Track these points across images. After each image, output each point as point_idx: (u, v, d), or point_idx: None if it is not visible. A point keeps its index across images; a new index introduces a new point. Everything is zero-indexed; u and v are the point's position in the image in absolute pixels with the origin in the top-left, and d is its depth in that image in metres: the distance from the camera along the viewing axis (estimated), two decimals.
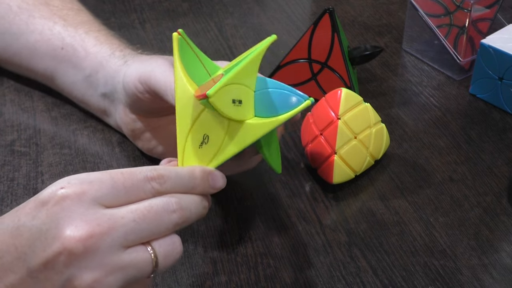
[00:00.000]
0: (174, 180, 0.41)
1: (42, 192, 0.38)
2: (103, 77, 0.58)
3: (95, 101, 0.60)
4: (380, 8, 0.84)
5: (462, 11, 0.67)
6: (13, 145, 0.61)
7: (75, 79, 0.61)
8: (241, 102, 0.44)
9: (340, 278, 0.49)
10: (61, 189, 0.37)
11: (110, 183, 0.38)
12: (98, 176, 0.39)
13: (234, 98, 0.43)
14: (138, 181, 0.39)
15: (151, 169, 0.40)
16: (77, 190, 0.38)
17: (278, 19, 0.81)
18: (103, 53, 0.59)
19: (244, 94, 0.44)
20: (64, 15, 0.64)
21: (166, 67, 0.51)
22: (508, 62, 0.63)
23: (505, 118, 0.65)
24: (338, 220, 0.54)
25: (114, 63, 0.58)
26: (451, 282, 0.49)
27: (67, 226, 0.37)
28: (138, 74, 0.52)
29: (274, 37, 0.47)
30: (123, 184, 0.39)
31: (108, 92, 0.58)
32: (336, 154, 0.54)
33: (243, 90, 0.44)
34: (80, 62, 0.60)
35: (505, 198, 0.56)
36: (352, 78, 0.65)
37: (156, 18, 0.81)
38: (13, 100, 0.66)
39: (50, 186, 0.38)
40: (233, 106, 0.43)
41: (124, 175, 0.39)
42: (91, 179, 0.38)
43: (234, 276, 0.49)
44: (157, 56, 0.55)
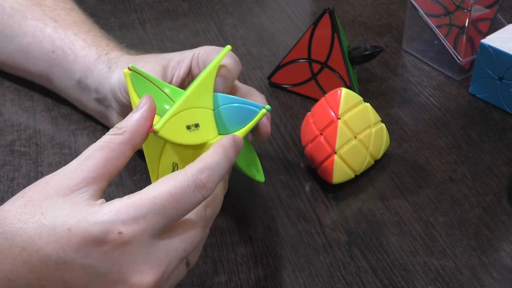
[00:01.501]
0: (217, 174, 0.40)
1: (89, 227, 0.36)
2: (93, 83, 0.58)
3: (92, 106, 0.60)
4: (380, 8, 0.84)
5: (462, 11, 0.67)
6: (13, 145, 0.61)
7: (69, 84, 0.61)
8: (198, 126, 0.44)
9: (340, 278, 0.49)
10: (119, 234, 0.36)
11: (163, 213, 0.37)
12: (149, 206, 0.37)
13: (189, 123, 0.43)
14: (189, 199, 0.38)
15: (197, 173, 0.39)
16: (136, 233, 0.37)
17: (278, 19, 0.81)
18: (90, 57, 0.59)
19: (200, 116, 0.44)
20: (56, 16, 0.63)
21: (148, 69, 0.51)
22: (508, 62, 0.63)
23: (505, 118, 0.65)
24: (338, 220, 0.54)
25: (100, 69, 0.57)
26: (451, 282, 0.49)
27: (132, 272, 0.37)
28: (120, 82, 0.53)
29: (228, 48, 0.47)
30: (175, 209, 0.38)
31: (101, 98, 0.58)
32: (336, 154, 0.54)
33: (198, 112, 0.44)
34: (70, 66, 0.60)
35: (505, 198, 0.56)
36: (352, 78, 0.65)
37: (156, 18, 0.81)
38: (13, 100, 0.66)
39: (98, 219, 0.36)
40: (189, 132, 0.43)
41: (175, 197, 0.38)
42: (145, 213, 0.37)
43: (234, 276, 0.49)
44: (141, 57, 0.55)
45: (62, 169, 0.40)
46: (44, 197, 0.38)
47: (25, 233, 0.37)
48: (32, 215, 0.37)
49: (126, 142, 0.40)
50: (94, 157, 0.39)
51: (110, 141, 0.40)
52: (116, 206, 0.37)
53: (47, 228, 0.36)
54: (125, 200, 0.37)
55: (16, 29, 0.63)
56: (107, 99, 0.57)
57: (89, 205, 0.37)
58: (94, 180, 0.39)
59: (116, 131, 0.40)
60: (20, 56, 0.64)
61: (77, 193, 0.38)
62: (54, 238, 0.36)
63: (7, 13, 0.64)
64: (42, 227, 0.37)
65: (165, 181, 0.38)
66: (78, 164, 0.39)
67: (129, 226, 0.36)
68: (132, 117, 0.41)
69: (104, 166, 0.39)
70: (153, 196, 0.37)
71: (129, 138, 0.40)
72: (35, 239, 0.36)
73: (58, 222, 0.37)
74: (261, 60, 0.74)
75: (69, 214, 0.37)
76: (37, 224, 0.37)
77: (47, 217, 0.37)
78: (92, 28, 0.63)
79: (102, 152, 0.39)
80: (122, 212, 0.37)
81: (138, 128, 0.41)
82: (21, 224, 0.37)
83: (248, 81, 0.70)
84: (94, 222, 0.36)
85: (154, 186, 0.38)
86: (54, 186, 0.39)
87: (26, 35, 0.62)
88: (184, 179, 0.38)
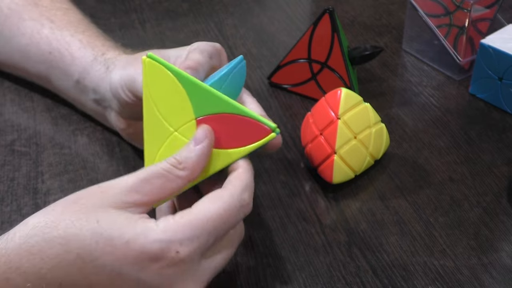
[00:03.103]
0: (252, 191, 0.42)
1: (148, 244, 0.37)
2: (90, 84, 0.58)
3: (90, 106, 0.60)
4: (380, 8, 0.84)
5: (462, 11, 0.67)
6: (13, 145, 0.61)
7: (67, 85, 0.61)
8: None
9: (340, 278, 0.49)
10: (177, 253, 0.38)
11: (214, 233, 0.39)
12: (203, 227, 0.39)
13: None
14: (235, 218, 0.40)
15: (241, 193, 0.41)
16: (190, 252, 0.38)
17: (278, 19, 0.81)
18: (86, 58, 0.58)
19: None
20: (52, 16, 0.63)
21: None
22: (508, 62, 0.63)
23: (505, 118, 0.65)
24: (338, 220, 0.54)
25: (97, 70, 0.57)
26: (450, 282, 0.49)
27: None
28: (122, 81, 0.52)
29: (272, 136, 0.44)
30: (223, 229, 0.40)
31: (99, 98, 0.58)
32: (336, 154, 0.54)
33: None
34: (67, 67, 0.60)
35: (505, 198, 0.56)
36: (352, 78, 0.65)
37: (156, 18, 0.81)
38: (13, 100, 0.66)
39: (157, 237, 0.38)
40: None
41: (223, 217, 0.39)
42: (199, 234, 0.38)
43: (234, 276, 0.49)
44: (140, 55, 0.55)
45: (118, 182, 0.40)
46: (98, 206, 0.39)
47: (80, 240, 0.37)
48: (88, 222, 0.38)
49: (184, 178, 0.41)
50: (151, 183, 0.40)
51: (170, 171, 0.41)
52: (173, 226, 0.38)
53: (104, 238, 0.37)
54: (179, 219, 0.39)
55: (14, 30, 0.63)
56: (106, 100, 0.56)
57: (144, 221, 0.39)
58: (145, 204, 0.40)
59: (176, 164, 0.41)
60: (19, 57, 0.64)
61: (129, 210, 0.39)
62: (110, 249, 0.37)
63: (4, 14, 0.63)
64: (98, 236, 0.37)
65: (213, 200, 0.40)
66: (135, 183, 0.40)
67: (185, 246, 0.38)
68: (192, 153, 0.42)
69: (158, 194, 0.40)
70: (205, 217, 0.39)
71: (188, 175, 0.41)
72: (91, 248, 0.37)
73: (115, 234, 0.37)
74: (261, 60, 0.74)
75: (126, 226, 0.38)
76: (93, 232, 0.37)
77: (103, 226, 0.37)
78: (88, 27, 0.63)
79: (160, 180, 0.40)
80: (179, 232, 0.38)
81: (198, 165, 0.42)
82: (76, 230, 0.37)
83: (248, 81, 0.70)
84: (153, 240, 0.37)
85: (205, 205, 0.39)
86: (110, 198, 0.39)
87: (24, 36, 0.62)
88: (232, 200, 0.40)
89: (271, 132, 0.43)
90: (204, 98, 0.43)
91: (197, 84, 0.43)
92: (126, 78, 0.52)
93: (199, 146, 0.42)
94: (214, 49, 0.50)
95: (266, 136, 0.43)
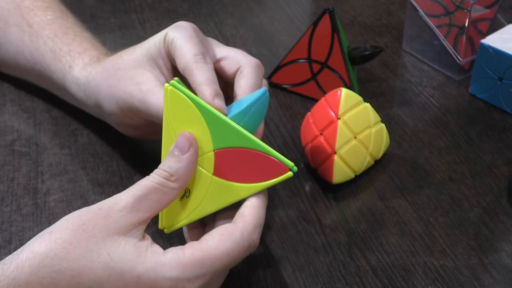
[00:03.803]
0: (261, 229, 0.42)
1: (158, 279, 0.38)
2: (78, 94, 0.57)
3: (90, 111, 0.60)
4: (380, 8, 0.84)
5: (462, 11, 0.67)
6: (13, 145, 0.61)
7: (58, 91, 0.61)
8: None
9: (340, 278, 0.49)
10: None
11: (221, 272, 0.41)
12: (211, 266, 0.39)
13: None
14: (242, 256, 0.41)
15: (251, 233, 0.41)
16: (195, 287, 0.39)
17: (278, 19, 0.81)
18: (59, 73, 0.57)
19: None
20: (31, 18, 0.61)
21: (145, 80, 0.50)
22: (507, 62, 0.63)
23: (505, 118, 0.65)
24: (338, 220, 0.54)
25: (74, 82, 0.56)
26: (450, 282, 0.49)
27: None
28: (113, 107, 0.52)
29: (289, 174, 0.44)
30: (229, 266, 0.41)
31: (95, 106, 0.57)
32: (336, 154, 0.54)
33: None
34: (51, 78, 0.59)
35: (505, 198, 0.56)
36: (352, 78, 0.65)
37: (156, 18, 0.81)
38: (13, 100, 0.66)
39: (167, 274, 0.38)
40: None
41: (231, 257, 0.40)
42: (206, 272, 0.39)
43: (234, 276, 0.49)
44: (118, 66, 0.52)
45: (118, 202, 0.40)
46: (106, 235, 0.39)
47: (92, 273, 0.37)
48: (99, 255, 0.38)
49: (178, 189, 0.42)
50: (149, 198, 0.41)
51: (164, 185, 0.41)
52: (183, 262, 0.39)
53: (116, 272, 0.38)
54: (190, 256, 0.39)
55: (2, 37, 0.62)
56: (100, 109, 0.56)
57: (154, 252, 0.39)
58: (146, 220, 0.41)
59: (168, 177, 0.41)
60: (12, 63, 0.64)
61: (132, 232, 0.40)
62: (122, 284, 0.38)
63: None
64: (111, 270, 0.38)
65: (224, 239, 0.40)
66: (134, 201, 0.40)
67: (192, 283, 0.39)
68: (181, 162, 0.42)
69: (156, 208, 0.41)
70: (214, 257, 0.39)
71: (181, 186, 0.42)
72: (104, 281, 0.38)
73: (126, 268, 0.38)
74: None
75: (136, 259, 0.38)
76: (104, 265, 0.38)
77: (114, 259, 0.38)
78: (61, 26, 0.61)
79: (156, 195, 0.41)
80: (188, 270, 0.39)
81: (188, 174, 0.42)
82: (87, 263, 0.37)
83: None
84: (163, 277, 0.38)
85: (215, 243, 0.40)
86: (115, 224, 0.39)
87: (12, 44, 0.62)
88: (241, 240, 0.40)
89: (288, 171, 0.43)
90: (224, 131, 0.43)
91: (218, 117, 0.43)
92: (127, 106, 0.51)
93: (187, 155, 0.42)
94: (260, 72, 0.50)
95: (283, 174, 0.43)
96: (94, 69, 0.54)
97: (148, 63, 0.51)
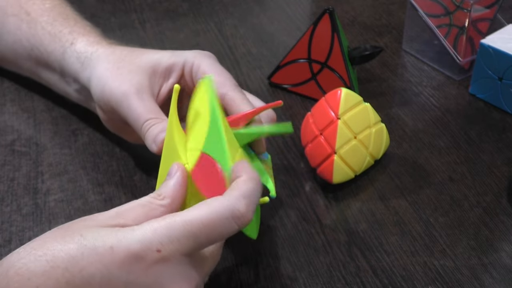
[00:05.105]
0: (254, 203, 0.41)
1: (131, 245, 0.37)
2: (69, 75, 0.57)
3: (76, 97, 0.60)
4: (380, 8, 0.84)
5: (461, 11, 0.67)
6: (13, 145, 0.61)
7: (54, 78, 0.61)
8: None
9: (340, 278, 0.49)
10: (158, 252, 0.38)
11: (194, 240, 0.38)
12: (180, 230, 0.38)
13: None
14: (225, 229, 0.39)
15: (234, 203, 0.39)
16: (173, 252, 0.38)
17: (278, 19, 0.81)
18: (57, 52, 0.58)
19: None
20: (29, 7, 0.62)
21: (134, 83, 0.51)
22: (507, 62, 0.63)
23: (505, 118, 0.65)
24: (338, 220, 0.54)
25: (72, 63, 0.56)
26: (450, 282, 0.49)
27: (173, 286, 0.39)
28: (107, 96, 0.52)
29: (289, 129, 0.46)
30: (207, 238, 0.39)
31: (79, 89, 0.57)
32: (336, 154, 0.54)
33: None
34: (47, 62, 0.59)
35: (505, 198, 0.56)
36: (352, 78, 0.65)
37: (156, 18, 0.81)
38: (13, 100, 0.66)
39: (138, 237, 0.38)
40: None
41: (207, 226, 0.38)
42: (177, 236, 0.38)
43: (234, 276, 0.49)
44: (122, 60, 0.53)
45: (102, 213, 0.40)
46: (83, 227, 0.39)
47: (66, 254, 0.37)
48: (72, 238, 0.38)
49: (167, 206, 0.41)
50: (135, 211, 0.40)
51: (152, 202, 0.41)
52: (154, 226, 0.38)
53: (89, 249, 0.37)
54: (160, 220, 0.38)
55: (0, 28, 0.63)
56: (86, 90, 0.56)
57: (126, 228, 0.39)
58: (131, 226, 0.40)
59: (156, 196, 0.42)
60: (9, 54, 0.64)
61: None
62: (97, 258, 0.37)
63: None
64: (83, 248, 0.37)
65: (200, 207, 0.39)
66: (118, 211, 0.40)
67: (166, 245, 0.38)
68: (169, 184, 0.42)
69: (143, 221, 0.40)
70: (184, 221, 0.38)
71: (169, 203, 0.42)
72: (78, 259, 0.37)
73: (98, 242, 0.37)
74: (261, 60, 0.74)
75: (108, 235, 0.38)
76: (78, 244, 0.37)
77: (87, 238, 0.38)
78: (60, 13, 0.61)
79: (144, 209, 0.41)
80: (159, 232, 0.38)
81: (176, 193, 0.42)
82: (61, 246, 0.37)
83: (248, 81, 0.70)
84: (135, 240, 0.37)
85: (189, 211, 0.39)
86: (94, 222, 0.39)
87: (9, 34, 0.62)
88: (220, 209, 0.39)
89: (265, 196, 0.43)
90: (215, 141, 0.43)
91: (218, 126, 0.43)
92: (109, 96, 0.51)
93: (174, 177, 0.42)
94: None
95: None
96: (102, 47, 0.56)
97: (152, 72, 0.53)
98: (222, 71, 0.52)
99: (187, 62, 0.53)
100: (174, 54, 0.54)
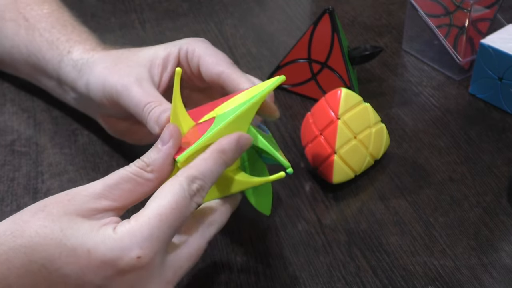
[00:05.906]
0: (210, 181, 0.41)
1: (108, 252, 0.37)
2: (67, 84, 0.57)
3: (75, 105, 0.60)
4: (380, 8, 0.84)
5: (461, 11, 0.67)
6: (13, 145, 0.61)
7: (52, 85, 0.61)
8: None
9: (340, 278, 0.49)
10: (138, 259, 0.37)
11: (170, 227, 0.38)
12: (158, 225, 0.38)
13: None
14: (187, 208, 0.39)
15: (190, 182, 0.39)
16: (152, 254, 0.38)
17: (278, 19, 0.81)
18: (54, 60, 0.58)
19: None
20: (27, 12, 0.61)
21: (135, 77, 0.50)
22: (507, 62, 0.63)
23: (505, 118, 0.65)
24: (338, 220, 0.54)
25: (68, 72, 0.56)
26: (450, 282, 0.49)
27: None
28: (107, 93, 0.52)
29: (283, 78, 0.46)
30: (178, 220, 0.39)
31: (77, 98, 0.57)
32: (336, 154, 0.54)
33: None
34: (44, 69, 0.59)
35: (505, 198, 0.56)
36: (352, 78, 0.65)
37: (156, 18, 0.81)
38: (13, 100, 0.66)
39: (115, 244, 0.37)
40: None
41: (176, 209, 0.39)
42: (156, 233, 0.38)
43: (234, 276, 0.49)
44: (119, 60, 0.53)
45: (86, 189, 0.40)
46: (63, 213, 0.38)
47: (44, 251, 0.37)
48: (52, 231, 0.37)
49: (154, 180, 0.41)
50: (120, 188, 0.40)
51: (139, 175, 0.41)
52: (130, 231, 0.38)
53: (67, 249, 0.37)
54: (135, 223, 0.38)
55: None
56: (83, 99, 0.56)
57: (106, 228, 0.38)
58: (117, 208, 0.40)
59: (144, 166, 0.41)
60: (7, 58, 0.64)
61: (96, 217, 0.39)
62: (74, 260, 0.37)
63: None
64: (62, 247, 0.37)
65: (164, 194, 0.39)
66: (103, 189, 0.40)
67: (146, 248, 0.38)
68: (159, 153, 0.41)
69: (128, 198, 0.40)
70: (159, 214, 0.38)
71: (157, 177, 0.41)
72: (55, 257, 0.37)
73: (77, 243, 0.37)
74: (261, 60, 0.74)
75: (87, 235, 0.38)
76: (56, 242, 0.37)
77: (67, 235, 0.37)
78: (58, 19, 0.61)
79: (129, 185, 0.40)
80: (137, 236, 0.38)
81: (165, 166, 0.41)
82: (40, 239, 0.37)
83: None
84: (112, 248, 0.37)
85: (156, 202, 0.39)
86: (76, 205, 0.39)
87: (7, 38, 0.62)
88: (181, 190, 0.39)
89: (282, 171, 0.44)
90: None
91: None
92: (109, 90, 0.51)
93: (166, 146, 0.42)
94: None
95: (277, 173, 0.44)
96: (98, 53, 0.55)
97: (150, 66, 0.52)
98: (217, 52, 0.52)
99: (182, 49, 0.53)
100: (169, 45, 0.54)
